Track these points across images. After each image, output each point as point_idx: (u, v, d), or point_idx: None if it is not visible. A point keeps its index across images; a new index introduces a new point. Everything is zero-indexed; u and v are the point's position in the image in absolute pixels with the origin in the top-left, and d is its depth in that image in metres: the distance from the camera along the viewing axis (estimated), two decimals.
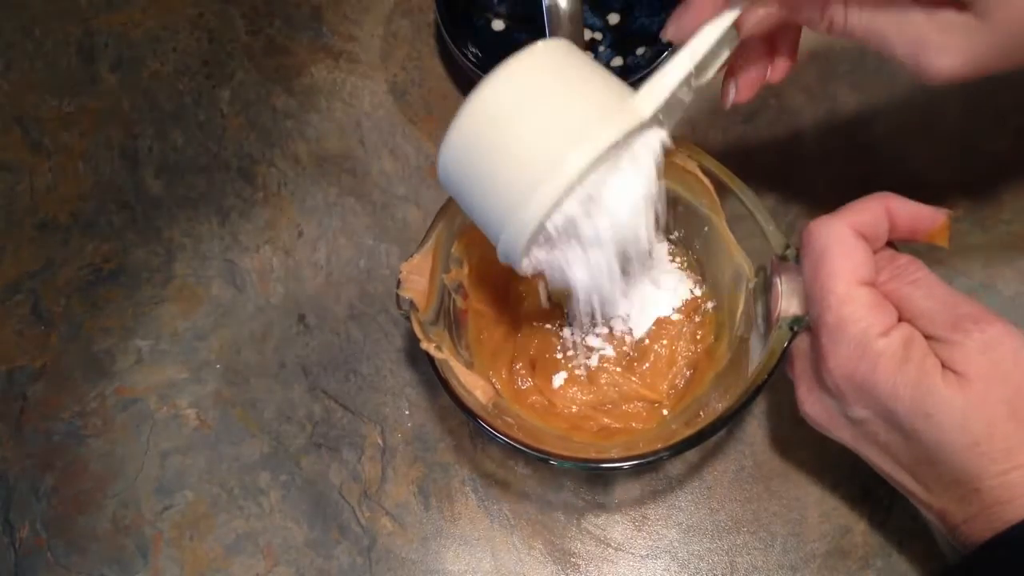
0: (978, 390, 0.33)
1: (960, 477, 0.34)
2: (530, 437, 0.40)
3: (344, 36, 0.57)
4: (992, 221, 0.49)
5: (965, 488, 0.34)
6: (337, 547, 0.45)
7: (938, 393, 0.33)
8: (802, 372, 0.38)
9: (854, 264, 0.35)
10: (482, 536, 0.45)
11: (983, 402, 0.33)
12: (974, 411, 0.33)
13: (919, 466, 0.35)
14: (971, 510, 0.34)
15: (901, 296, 0.35)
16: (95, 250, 0.53)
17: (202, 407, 0.48)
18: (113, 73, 0.57)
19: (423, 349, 0.39)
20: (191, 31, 0.58)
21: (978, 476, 0.33)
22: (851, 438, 0.37)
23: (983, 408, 0.33)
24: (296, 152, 0.54)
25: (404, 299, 0.40)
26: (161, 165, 0.54)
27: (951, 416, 0.33)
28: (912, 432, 0.34)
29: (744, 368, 0.41)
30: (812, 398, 0.38)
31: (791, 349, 0.39)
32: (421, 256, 0.41)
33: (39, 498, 0.47)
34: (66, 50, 0.58)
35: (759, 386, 0.37)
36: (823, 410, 0.38)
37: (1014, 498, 0.33)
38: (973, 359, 0.33)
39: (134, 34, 0.58)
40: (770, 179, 0.51)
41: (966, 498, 0.34)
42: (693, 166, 0.43)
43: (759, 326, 0.41)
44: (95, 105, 0.56)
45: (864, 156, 0.51)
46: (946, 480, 0.35)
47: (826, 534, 0.43)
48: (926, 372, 0.33)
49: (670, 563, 0.44)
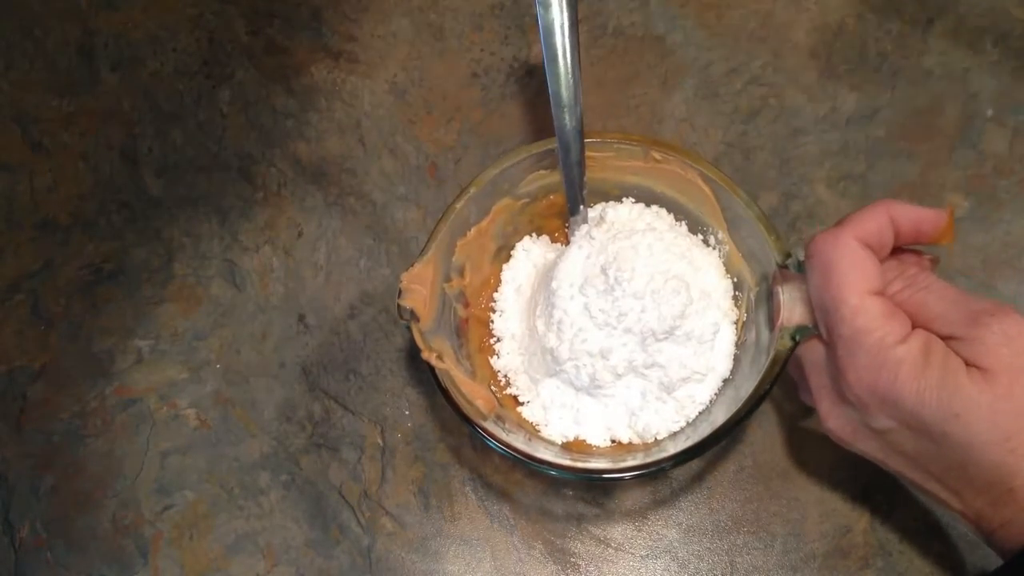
0: (1004, 383, 0.32)
1: (992, 478, 0.33)
2: (530, 447, 0.40)
3: (344, 36, 0.57)
4: (992, 221, 0.49)
5: (999, 490, 0.33)
6: (337, 547, 0.45)
7: (964, 390, 0.33)
8: (821, 387, 0.38)
9: (863, 275, 0.35)
10: (482, 536, 0.45)
11: (1010, 394, 0.32)
12: (1003, 404, 0.32)
13: (950, 472, 0.35)
14: (1006, 513, 0.34)
15: (914, 303, 0.35)
16: (95, 250, 0.53)
17: (202, 407, 0.48)
18: (113, 73, 0.57)
19: (424, 359, 0.39)
20: (191, 31, 0.58)
21: (1011, 475, 0.33)
22: (877, 450, 0.37)
23: (1011, 400, 0.32)
24: (296, 152, 0.54)
25: (405, 309, 0.40)
26: (161, 165, 0.54)
27: (979, 412, 0.32)
28: (942, 436, 0.34)
29: (745, 376, 0.41)
30: (835, 412, 0.37)
31: (805, 364, 0.38)
32: (421, 265, 0.41)
33: (39, 498, 0.47)
34: (66, 50, 0.58)
35: (762, 395, 0.37)
36: (847, 423, 0.37)
37: None
38: (995, 352, 0.33)
39: (134, 34, 0.58)
40: (770, 179, 0.51)
41: (1000, 500, 0.34)
42: (694, 175, 0.43)
43: (762, 335, 0.41)
44: (95, 105, 0.56)
45: (864, 156, 0.51)
46: (978, 484, 0.34)
47: (826, 534, 0.43)
48: (950, 371, 0.33)
49: (670, 563, 0.44)
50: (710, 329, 0.41)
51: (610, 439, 0.43)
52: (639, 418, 0.42)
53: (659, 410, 0.42)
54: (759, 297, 0.42)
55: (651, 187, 0.45)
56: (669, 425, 0.42)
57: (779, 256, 0.39)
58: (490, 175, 0.43)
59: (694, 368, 0.41)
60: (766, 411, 0.46)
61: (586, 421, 0.43)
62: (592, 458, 0.42)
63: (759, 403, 0.37)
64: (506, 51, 0.55)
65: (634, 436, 0.43)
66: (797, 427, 0.45)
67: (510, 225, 0.47)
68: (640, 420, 0.42)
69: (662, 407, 0.42)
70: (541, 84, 0.54)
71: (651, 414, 0.42)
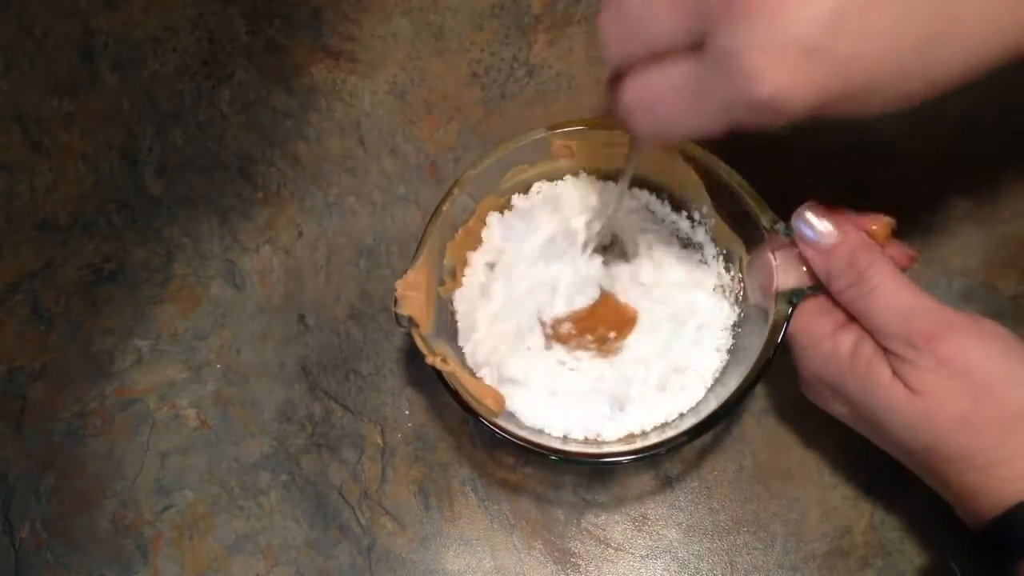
0: (927, 405, 0.33)
1: (931, 472, 0.35)
2: (540, 437, 0.40)
3: (344, 36, 0.57)
4: (992, 221, 0.49)
5: (939, 481, 0.35)
6: (337, 547, 0.45)
7: (884, 403, 0.34)
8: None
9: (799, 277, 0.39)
10: (482, 536, 0.45)
11: (931, 417, 0.33)
12: (922, 422, 0.33)
13: (905, 457, 0.37)
14: (953, 500, 0.36)
15: (857, 309, 0.36)
16: (95, 250, 0.53)
17: (202, 407, 0.48)
18: (113, 73, 0.57)
19: (429, 364, 0.39)
20: (191, 31, 0.58)
21: (942, 472, 0.34)
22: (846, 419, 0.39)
23: (932, 422, 0.33)
24: (296, 152, 0.54)
25: (403, 316, 0.40)
26: (161, 165, 0.54)
27: (898, 424, 0.34)
28: (880, 427, 0.36)
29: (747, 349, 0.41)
30: (805, 390, 0.41)
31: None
32: (415, 272, 0.41)
33: (39, 498, 0.47)
34: (66, 50, 0.58)
35: (766, 362, 0.38)
36: (817, 397, 0.40)
37: (978, 497, 0.33)
38: (924, 377, 0.33)
39: (134, 34, 0.58)
40: (768, 179, 0.51)
41: (945, 489, 0.36)
42: (674, 153, 0.43)
43: (758, 302, 0.41)
44: (95, 105, 0.56)
45: (863, 156, 0.51)
46: (925, 474, 0.36)
47: (826, 534, 0.43)
48: (871, 379, 0.35)
49: (670, 563, 0.44)
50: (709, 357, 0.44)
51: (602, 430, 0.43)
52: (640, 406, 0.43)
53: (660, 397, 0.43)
54: (751, 266, 0.42)
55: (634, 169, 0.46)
56: (674, 408, 0.43)
57: (767, 222, 0.40)
58: (471, 175, 0.43)
59: (695, 358, 0.43)
60: (766, 411, 0.46)
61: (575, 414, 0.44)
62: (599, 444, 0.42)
63: (764, 369, 0.38)
64: (506, 51, 0.55)
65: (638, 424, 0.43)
66: (797, 427, 0.45)
67: None
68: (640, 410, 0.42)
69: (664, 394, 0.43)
70: (541, 84, 0.54)
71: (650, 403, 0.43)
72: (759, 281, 0.41)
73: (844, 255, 0.36)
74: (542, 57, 0.55)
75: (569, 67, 0.54)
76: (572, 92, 0.54)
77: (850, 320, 0.37)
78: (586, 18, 0.55)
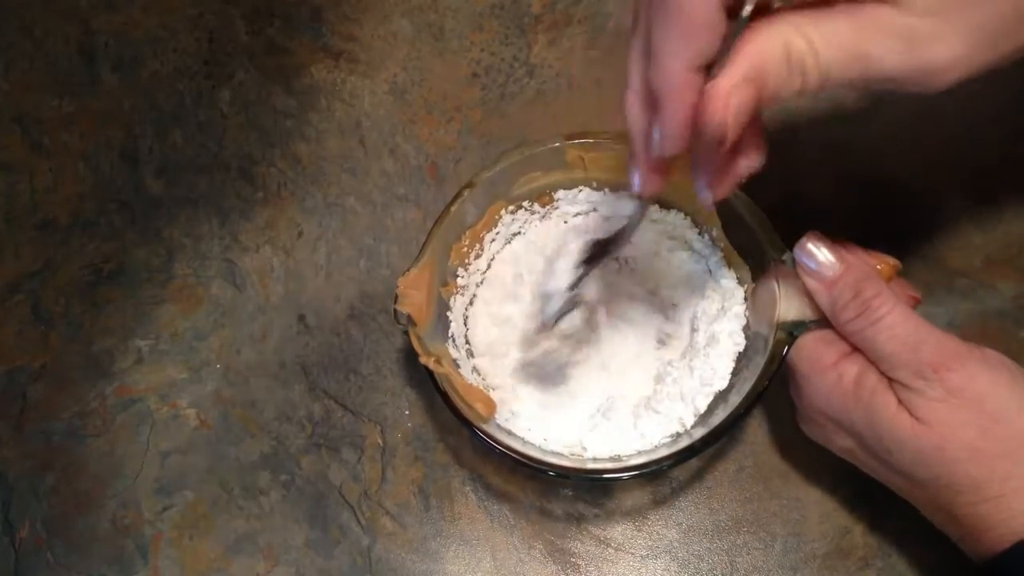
0: (936, 434, 0.33)
1: (938, 504, 0.35)
2: (529, 448, 0.40)
3: (344, 36, 0.57)
4: (992, 221, 0.49)
5: (945, 514, 0.35)
6: (337, 547, 0.45)
7: (890, 432, 0.34)
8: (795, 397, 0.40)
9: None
10: (482, 536, 0.45)
11: (940, 446, 0.33)
12: (931, 452, 0.33)
13: (911, 490, 0.36)
14: (959, 533, 0.35)
15: (863, 339, 0.35)
16: (95, 250, 0.53)
17: (202, 407, 0.48)
18: (113, 73, 0.57)
19: (422, 364, 0.39)
20: (191, 31, 0.58)
21: (950, 504, 0.34)
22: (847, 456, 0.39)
23: (941, 452, 0.33)
24: (296, 152, 0.54)
25: (402, 314, 0.40)
26: (161, 165, 0.54)
27: (905, 454, 0.34)
28: (887, 457, 0.35)
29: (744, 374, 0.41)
30: (805, 427, 0.41)
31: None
32: (417, 270, 0.41)
33: (39, 498, 0.47)
34: (66, 50, 0.58)
35: (760, 391, 0.37)
36: (818, 435, 0.40)
37: (989, 528, 0.33)
38: (932, 407, 0.33)
39: (134, 34, 0.58)
40: (768, 180, 0.51)
41: (951, 522, 0.35)
42: (687, 173, 0.43)
43: (761, 331, 0.41)
44: (95, 105, 0.56)
45: (863, 156, 0.51)
46: (931, 507, 0.36)
47: (826, 534, 0.43)
48: (877, 410, 0.34)
49: (670, 563, 0.44)
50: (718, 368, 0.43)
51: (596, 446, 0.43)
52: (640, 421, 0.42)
53: (661, 413, 0.42)
54: (756, 294, 0.42)
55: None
56: (670, 427, 0.42)
57: (775, 252, 0.40)
58: (484, 178, 0.43)
59: (699, 376, 0.42)
60: (766, 411, 0.46)
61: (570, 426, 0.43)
62: (592, 459, 0.42)
63: (758, 399, 0.38)
64: (506, 51, 0.55)
65: (631, 442, 0.42)
66: (797, 427, 0.45)
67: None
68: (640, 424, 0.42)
69: (664, 410, 0.42)
70: (541, 84, 0.54)
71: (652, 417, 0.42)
72: (763, 310, 0.41)
73: (850, 284, 0.36)
74: (542, 57, 0.55)
75: (569, 67, 0.54)
76: (572, 92, 0.54)
77: (853, 350, 0.36)
78: (586, 18, 0.55)
